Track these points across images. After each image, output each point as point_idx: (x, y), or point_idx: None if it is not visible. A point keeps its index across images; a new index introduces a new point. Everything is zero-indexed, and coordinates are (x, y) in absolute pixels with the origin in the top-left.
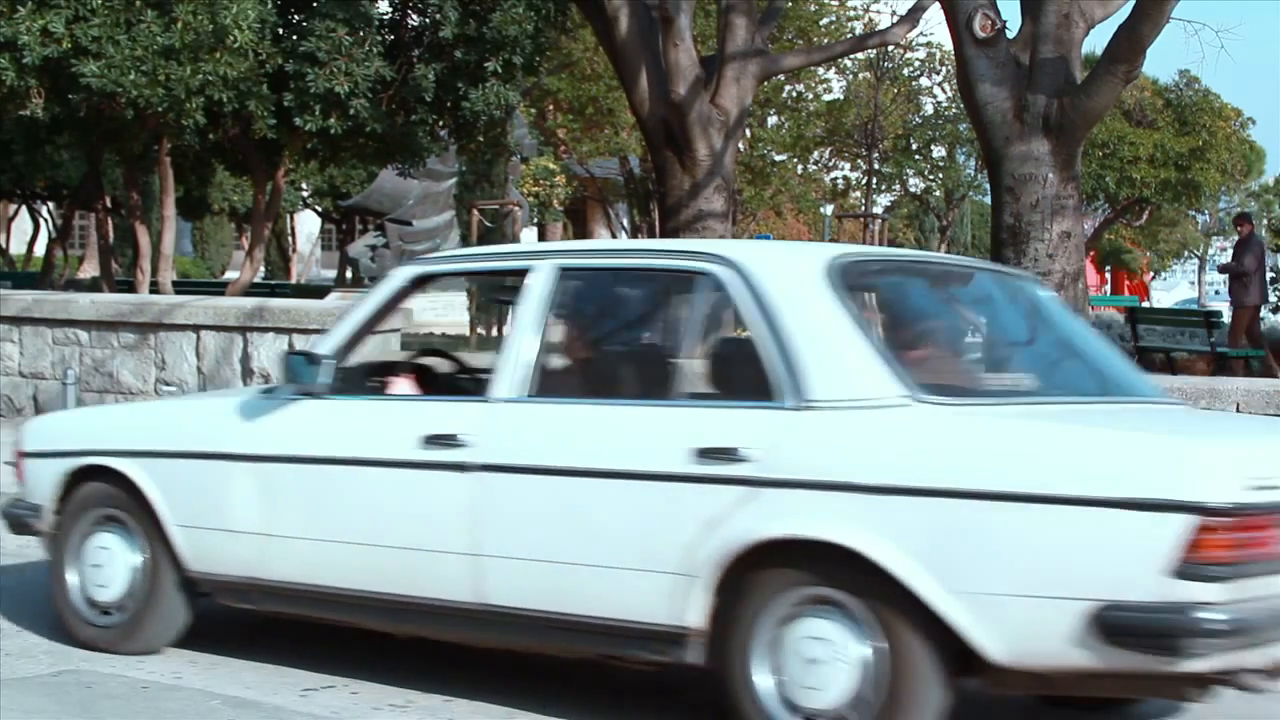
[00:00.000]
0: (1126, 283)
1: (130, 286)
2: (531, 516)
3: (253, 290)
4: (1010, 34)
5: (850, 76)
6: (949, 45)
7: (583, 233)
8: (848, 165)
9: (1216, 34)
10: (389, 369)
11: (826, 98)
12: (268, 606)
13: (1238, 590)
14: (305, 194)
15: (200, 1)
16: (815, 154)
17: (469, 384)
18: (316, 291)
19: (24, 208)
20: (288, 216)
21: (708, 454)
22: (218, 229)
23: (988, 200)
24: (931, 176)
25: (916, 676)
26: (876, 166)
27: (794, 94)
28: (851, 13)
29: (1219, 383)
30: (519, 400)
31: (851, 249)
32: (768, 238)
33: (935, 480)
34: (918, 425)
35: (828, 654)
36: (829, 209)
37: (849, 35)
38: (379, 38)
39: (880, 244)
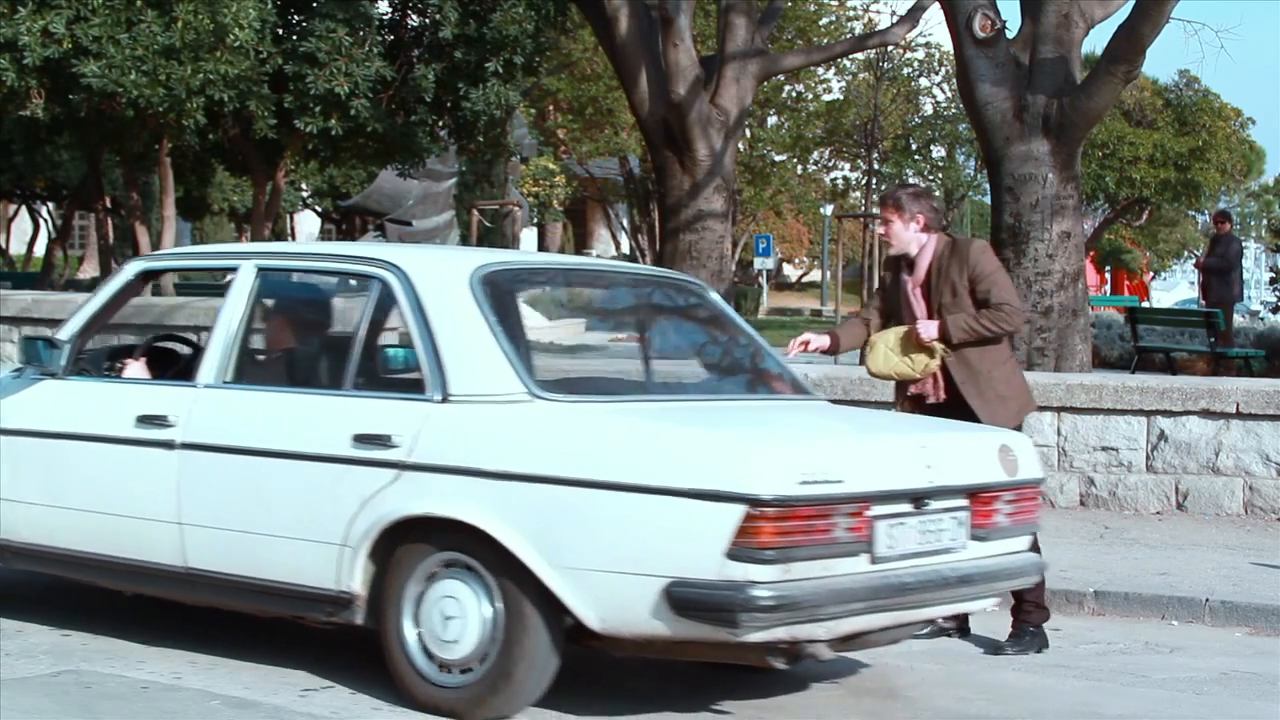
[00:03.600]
0: (1126, 283)
1: None
2: (224, 490)
3: None
4: (1010, 34)
5: (850, 76)
6: (949, 45)
7: (583, 233)
8: (847, 165)
9: (1216, 34)
10: (128, 353)
11: (826, 98)
12: (17, 565)
13: (788, 571)
14: (305, 194)
15: (200, 1)
16: (815, 154)
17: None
18: None
19: (24, 208)
20: (288, 216)
21: (365, 439)
22: (218, 229)
23: (988, 200)
24: (931, 176)
25: (529, 636)
26: (876, 166)
27: (794, 94)
28: (851, 13)
29: (1219, 383)
30: (218, 386)
31: (502, 256)
32: (767, 238)
33: (544, 468)
34: (534, 419)
35: (459, 612)
36: (829, 209)
37: (849, 35)
38: (379, 38)
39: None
